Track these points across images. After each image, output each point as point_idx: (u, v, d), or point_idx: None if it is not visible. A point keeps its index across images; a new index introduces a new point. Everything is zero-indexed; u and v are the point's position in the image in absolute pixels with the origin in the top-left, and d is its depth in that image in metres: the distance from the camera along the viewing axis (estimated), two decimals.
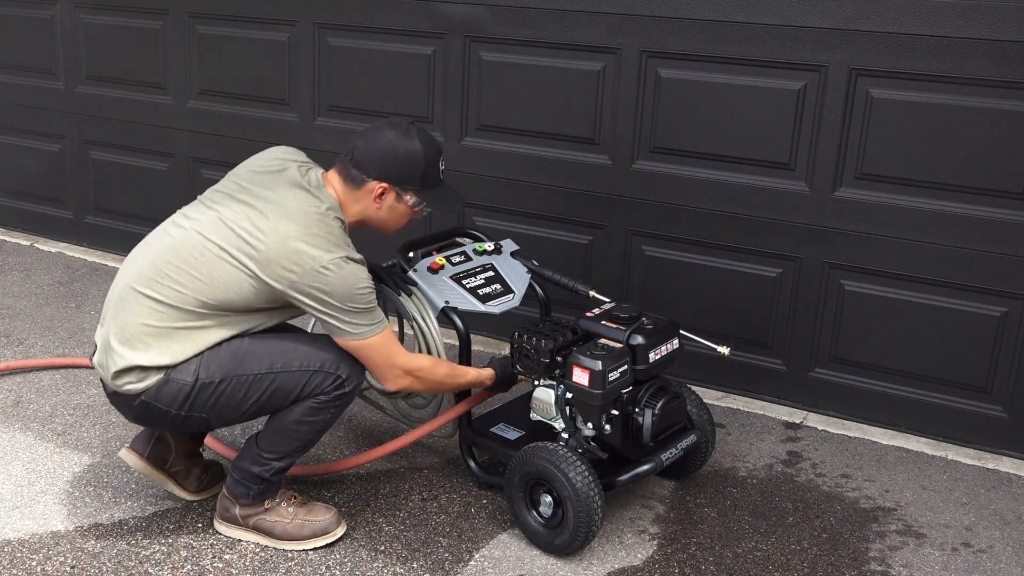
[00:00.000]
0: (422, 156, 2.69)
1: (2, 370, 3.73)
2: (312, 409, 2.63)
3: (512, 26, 3.86)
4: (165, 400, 2.56)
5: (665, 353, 2.88)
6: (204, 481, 2.97)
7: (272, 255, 2.52)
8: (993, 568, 2.82)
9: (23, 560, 2.68)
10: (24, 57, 5.08)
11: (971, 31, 3.16)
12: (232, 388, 2.57)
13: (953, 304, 3.39)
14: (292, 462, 2.73)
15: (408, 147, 2.68)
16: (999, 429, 3.42)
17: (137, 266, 2.65)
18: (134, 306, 2.58)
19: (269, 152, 2.83)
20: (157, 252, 2.63)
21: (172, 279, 2.56)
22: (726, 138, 3.59)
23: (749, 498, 3.11)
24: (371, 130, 2.73)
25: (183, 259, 2.57)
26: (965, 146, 3.26)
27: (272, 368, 2.59)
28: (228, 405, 2.60)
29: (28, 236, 5.32)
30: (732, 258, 3.68)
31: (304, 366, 2.60)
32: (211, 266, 2.55)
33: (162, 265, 2.59)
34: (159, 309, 2.56)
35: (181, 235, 2.63)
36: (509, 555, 2.79)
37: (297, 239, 2.52)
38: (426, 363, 2.78)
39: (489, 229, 3.63)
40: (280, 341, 2.64)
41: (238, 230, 2.56)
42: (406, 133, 2.70)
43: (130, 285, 2.61)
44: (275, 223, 2.54)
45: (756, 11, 3.43)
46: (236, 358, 2.58)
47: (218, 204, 2.65)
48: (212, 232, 2.58)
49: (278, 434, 2.67)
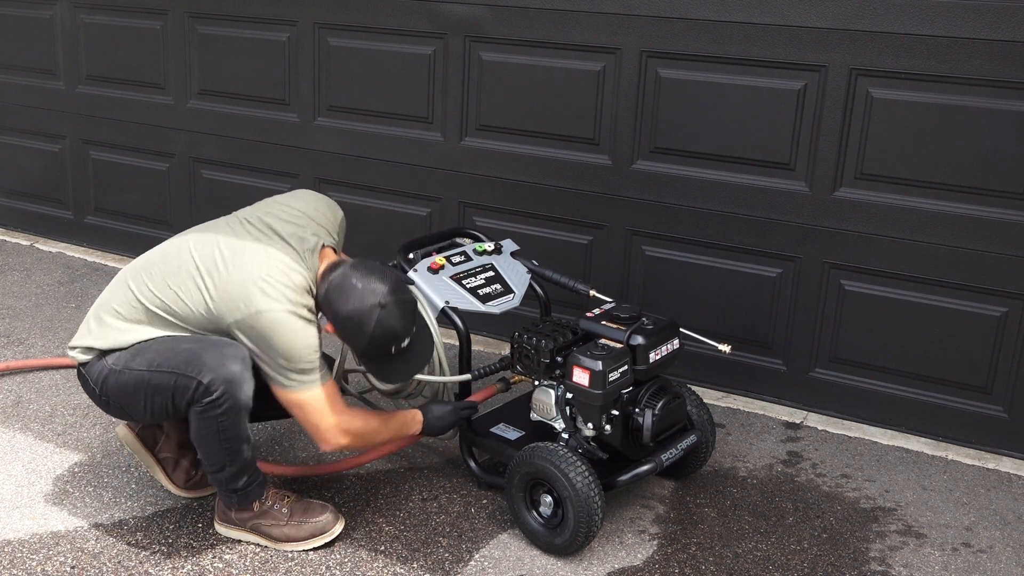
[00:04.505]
0: (368, 337, 2.58)
1: (2, 370, 3.73)
2: (200, 422, 2.59)
3: (512, 26, 3.86)
4: (92, 377, 2.67)
5: (665, 353, 2.88)
6: (194, 478, 2.97)
7: (230, 288, 2.56)
8: (993, 568, 2.82)
9: (23, 560, 2.68)
10: (24, 57, 5.08)
11: (971, 31, 3.16)
12: (126, 380, 2.60)
13: (953, 304, 3.39)
14: (238, 470, 2.68)
15: (359, 323, 2.55)
16: (999, 429, 3.42)
17: (140, 260, 2.77)
18: (119, 293, 2.70)
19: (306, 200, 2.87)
20: (157, 253, 2.74)
21: (151, 280, 2.66)
22: (726, 138, 3.59)
23: (749, 498, 3.11)
24: (350, 283, 2.56)
25: (166, 265, 2.67)
26: (965, 146, 3.26)
27: (151, 366, 2.58)
28: (127, 398, 2.63)
29: (28, 236, 5.32)
30: (732, 258, 3.68)
31: (171, 368, 2.56)
32: (183, 279, 2.62)
33: (150, 266, 2.70)
34: (131, 302, 2.66)
35: (177, 243, 2.72)
36: (509, 555, 2.79)
37: (257, 281, 2.55)
38: (359, 426, 2.70)
39: (489, 229, 3.64)
40: (172, 342, 2.62)
41: (217, 254, 2.62)
42: (371, 310, 2.54)
43: (126, 274, 2.74)
44: (248, 260, 2.59)
45: (756, 11, 3.43)
46: (136, 352, 2.62)
47: (226, 226, 2.74)
48: (198, 248, 2.66)
49: (199, 448, 2.67)
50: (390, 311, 2.56)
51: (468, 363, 3.00)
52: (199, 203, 4.79)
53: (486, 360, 3.48)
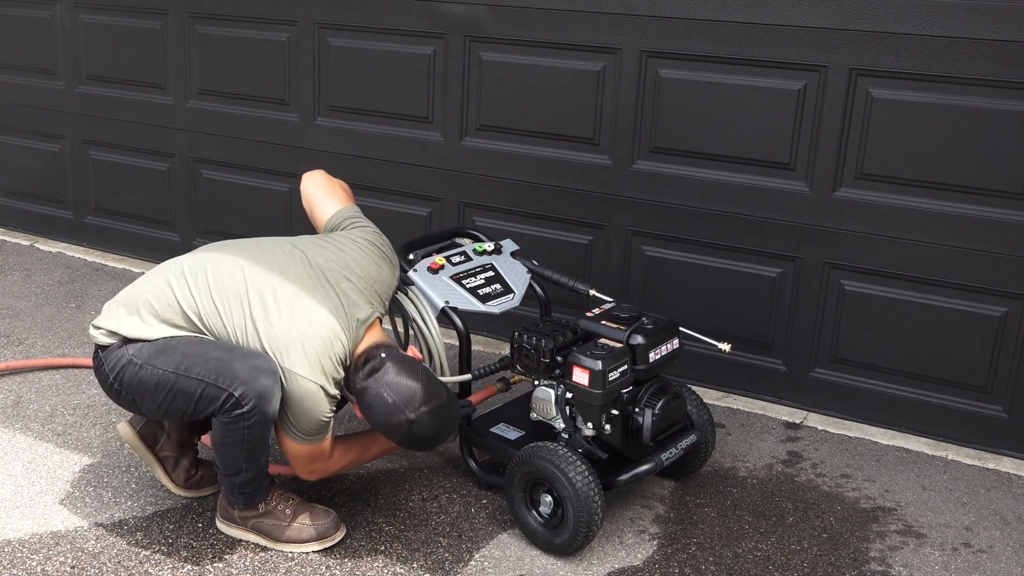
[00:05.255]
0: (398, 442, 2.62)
1: (2, 370, 3.73)
2: (226, 430, 2.60)
3: (512, 26, 3.86)
4: (109, 363, 2.65)
5: (665, 353, 2.88)
6: (194, 477, 2.97)
7: (273, 335, 2.58)
8: (993, 568, 2.82)
9: (23, 560, 2.68)
10: (24, 57, 5.08)
11: (971, 31, 3.16)
12: (146, 376, 2.58)
13: (953, 304, 3.39)
14: (253, 475, 2.70)
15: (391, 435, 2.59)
16: (999, 429, 3.42)
17: (186, 261, 2.75)
18: (156, 287, 2.69)
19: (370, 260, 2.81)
20: (208, 260, 2.71)
21: (197, 288, 2.65)
22: (726, 138, 3.59)
23: (749, 498, 3.11)
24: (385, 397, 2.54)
25: (217, 279, 2.66)
26: (965, 146, 3.26)
27: (177, 369, 2.56)
28: (143, 394, 2.61)
29: (28, 236, 5.32)
30: (732, 258, 3.68)
31: (202, 376, 2.55)
32: (230, 301, 2.63)
33: (198, 272, 2.68)
34: (168, 300, 2.65)
35: (230, 260, 2.70)
36: (509, 555, 2.79)
37: (303, 342, 2.57)
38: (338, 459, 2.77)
39: (489, 229, 3.64)
40: (200, 345, 2.61)
41: (269, 293, 2.62)
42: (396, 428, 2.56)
43: (169, 270, 2.72)
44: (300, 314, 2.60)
45: (756, 11, 3.43)
46: (160, 349, 2.60)
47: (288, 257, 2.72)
48: (252, 277, 2.65)
49: (219, 453, 2.67)
50: (420, 423, 2.56)
51: (468, 363, 3.00)
52: (199, 203, 4.79)
53: (486, 360, 3.48)
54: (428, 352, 3.02)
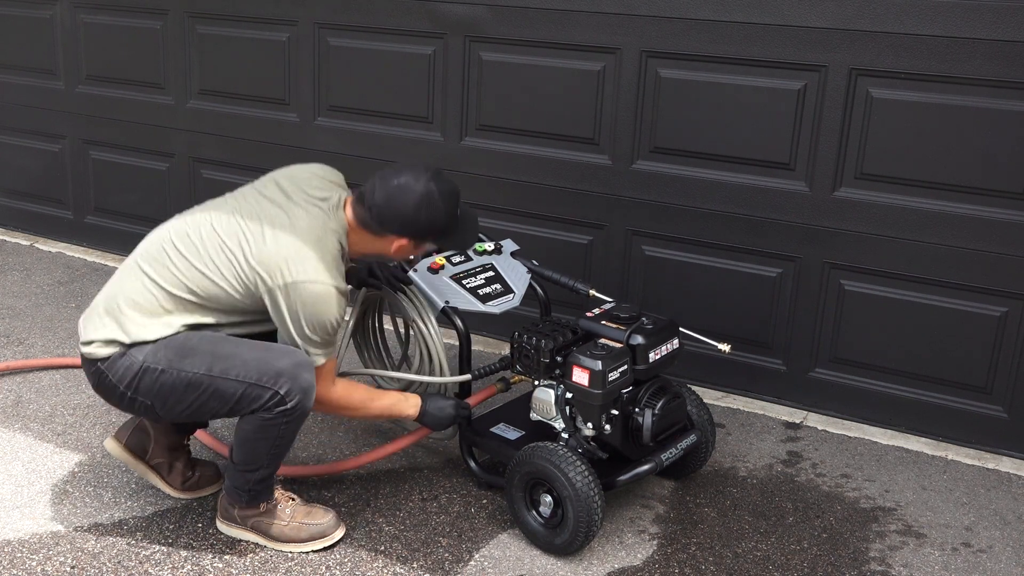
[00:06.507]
0: (443, 215, 2.66)
1: (2, 370, 3.73)
2: (261, 426, 2.59)
3: (512, 26, 3.86)
4: (117, 374, 2.58)
5: (665, 353, 2.88)
6: (191, 479, 2.97)
7: (263, 258, 2.55)
8: (993, 568, 2.82)
9: (23, 560, 2.68)
10: (24, 57, 5.08)
11: (971, 31, 3.16)
12: (172, 381, 2.56)
13: (953, 304, 3.39)
14: (270, 472, 2.71)
15: (431, 204, 2.62)
16: (999, 429, 3.42)
17: (147, 245, 2.72)
18: (131, 280, 2.64)
19: (311, 166, 2.83)
20: (169, 234, 2.69)
21: (172, 263, 2.62)
22: (726, 138, 3.59)
23: (749, 498, 3.11)
24: (392, 183, 2.63)
25: (188, 245, 2.63)
26: (965, 146, 3.26)
27: (210, 372, 2.55)
28: (169, 398, 2.58)
29: (28, 236, 5.32)
30: (732, 258, 3.68)
31: (241, 377, 2.55)
32: (210, 256, 2.59)
33: (168, 247, 2.65)
34: (151, 289, 2.61)
35: (194, 222, 2.68)
36: (509, 555, 2.79)
37: (291, 252, 2.54)
38: (342, 396, 2.76)
39: (489, 229, 3.63)
40: (228, 345, 2.60)
41: (243, 228, 2.60)
42: (427, 187, 2.61)
43: (136, 260, 2.68)
44: (279, 231, 2.57)
45: (756, 11, 3.43)
46: (181, 351, 2.57)
47: (239, 200, 2.70)
48: (221, 225, 2.63)
49: (242, 448, 2.66)
50: (437, 176, 2.65)
51: (468, 363, 3.00)
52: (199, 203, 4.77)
53: (486, 360, 3.48)
54: (428, 352, 3.02)
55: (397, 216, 2.62)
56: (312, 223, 2.60)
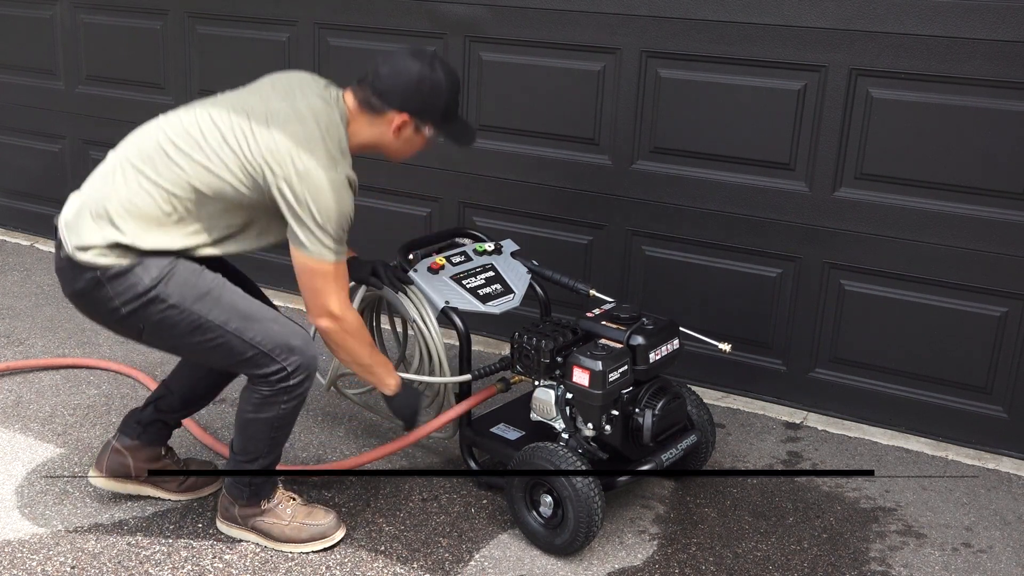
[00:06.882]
0: (445, 90, 2.65)
1: (2, 370, 3.73)
2: (262, 404, 2.57)
3: (512, 26, 3.86)
4: (117, 288, 2.45)
5: (665, 353, 2.88)
6: (186, 482, 2.96)
7: (271, 147, 2.46)
8: (993, 568, 2.82)
9: (23, 560, 2.68)
10: (24, 57, 5.08)
11: (971, 31, 3.16)
12: (179, 318, 2.47)
13: (953, 304, 3.39)
14: (271, 462, 2.70)
15: (434, 80, 2.63)
16: (999, 429, 3.42)
17: (139, 141, 2.57)
18: (125, 182, 2.49)
19: (301, 71, 2.81)
20: (163, 133, 2.55)
21: (172, 160, 2.48)
22: (726, 138, 3.59)
23: (749, 498, 3.11)
24: (394, 58, 2.65)
25: (189, 141, 2.50)
26: (965, 146, 3.26)
27: (226, 325, 2.50)
28: (168, 332, 2.51)
29: (28, 236, 5.32)
30: (732, 258, 3.68)
31: (256, 341, 2.51)
32: (213, 150, 2.48)
33: (166, 145, 2.51)
34: (149, 190, 2.47)
35: (191, 119, 2.55)
36: (509, 555, 2.79)
37: (299, 142, 2.47)
38: (354, 323, 2.63)
39: (489, 229, 3.64)
40: (251, 305, 2.55)
41: (247, 120, 2.50)
42: (431, 65, 2.63)
43: (128, 159, 2.53)
44: (285, 122, 2.50)
45: (756, 11, 3.43)
46: (199, 291, 2.49)
47: (237, 98, 2.61)
48: (222, 119, 2.52)
49: (242, 435, 2.65)
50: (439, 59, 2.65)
51: (468, 363, 3.00)
52: None
53: (486, 360, 3.48)
54: (428, 352, 3.02)
55: (398, 86, 2.61)
56: (317, 114, 2.54)
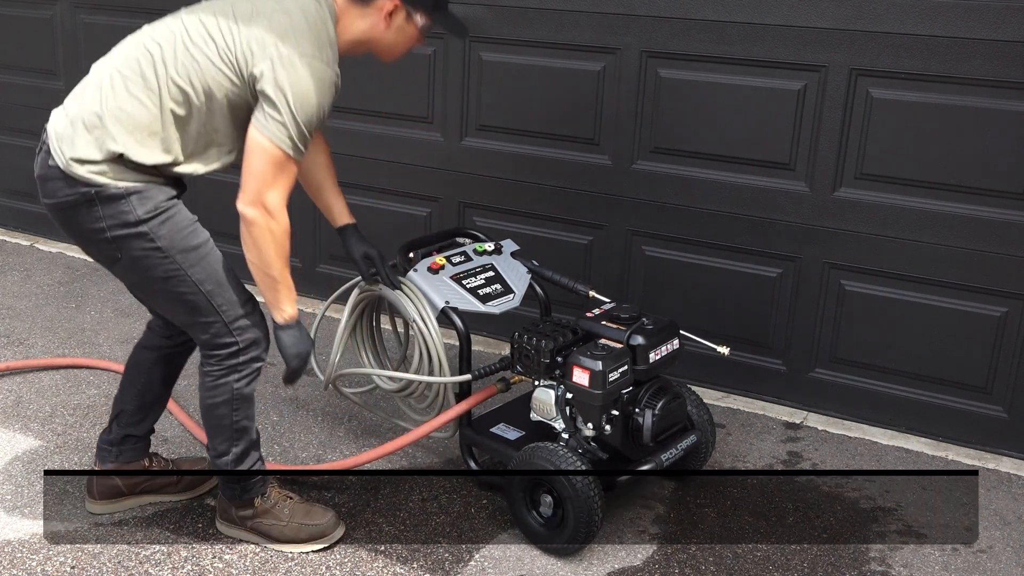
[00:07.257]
0: None
1: (2, 370, 3.73)
2: (212, 387, 2.60)
3: (512, 26, 3.86)
4: (108, 211, 2.43)
5: (665, 353, 2.88)
6: (182, 481, 2.96)
7: (256, 34, 2.41)
8: (993, 568, 2.82)
9: (23, 560, 2.68)
10: (24, 57, 5.08)
11: (971, 31, 3.16)
12: (160, 262, 2.47)
13: (953, 304, 3.39)
14: (242, 451, 2.68)
15: None
16: (999, 429, 3.42)
17: (126, 51, 2.52)
18: (115, 91, 2.45)
19: None
20: (148, 39, 2.50)
21: (158, 61, 2.44)
22: (726, 138, 3.59)
23: (749, 498, 3.11)
24: None
25: (174, 41, 2.45)
26: (965, 146, 3.26)
27: (202, 285, 2.51)
28: (143, 271, 2.50)
29: (28, 236, 5.32)
30: (732, 258, 3.68)
31: (223, 310, 2.54)
32: (197, 47, 2.43)
33: (152, 47, 2.46)
34: (139, 96, 2.43)
35: (177, 23, 2.50)
36: (509, 555, 2.79)
37: (286, 30, 2.42)
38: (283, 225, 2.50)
39: (489, 229, 3.63)
40: (229, 276, 2.57)
41: (234, 15, 2.45)
42: None
43: (117, 69, 2.48)
44: (270, 12, 2.45)
45: (756, 11, 3.43)
46: (188, 244, 2.50)
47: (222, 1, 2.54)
48: (208, 20, 2.46)
49: (208, 425, 2.67)
50: None
51: (468, 363, 3.00)
52: (198, 203, 4.77)
53: (486, 360, 3.48)
54: (428, 352, 3.02)
55: None
56: (305, 9, 2.48)
